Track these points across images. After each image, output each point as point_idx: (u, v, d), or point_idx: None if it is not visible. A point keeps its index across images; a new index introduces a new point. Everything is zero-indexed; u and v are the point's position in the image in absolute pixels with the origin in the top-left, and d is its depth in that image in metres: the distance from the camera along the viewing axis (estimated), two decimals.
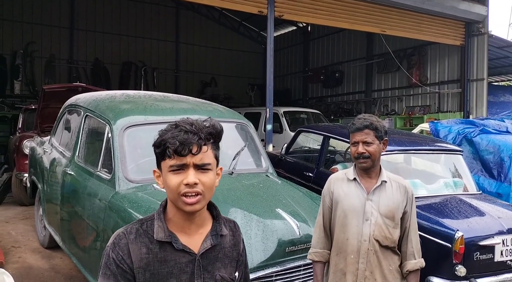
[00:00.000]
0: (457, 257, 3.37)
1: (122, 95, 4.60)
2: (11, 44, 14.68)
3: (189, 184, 1.25)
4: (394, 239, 2.31)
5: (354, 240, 2.28)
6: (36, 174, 5.48)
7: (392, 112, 13.90)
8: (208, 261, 1.35)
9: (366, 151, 2.26)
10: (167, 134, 1.27)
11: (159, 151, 1.30)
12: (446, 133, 6.25)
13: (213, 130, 1.31)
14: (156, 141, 1.31)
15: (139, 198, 3.18)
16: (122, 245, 1.29)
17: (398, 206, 2.30)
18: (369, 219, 2.27)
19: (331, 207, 2.38)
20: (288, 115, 11.58)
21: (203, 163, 1.28)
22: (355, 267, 2.28)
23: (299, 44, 18.34)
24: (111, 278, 1.27)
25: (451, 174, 4.74)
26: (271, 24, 8.28)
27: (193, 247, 1.33)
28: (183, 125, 1.28)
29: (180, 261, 1.31)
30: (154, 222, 1.33)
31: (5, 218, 6.82)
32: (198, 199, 1.27)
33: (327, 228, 2.41)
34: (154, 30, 17.34)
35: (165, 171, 1.29)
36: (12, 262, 4.88)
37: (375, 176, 2.34)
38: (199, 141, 1.26)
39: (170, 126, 1.30)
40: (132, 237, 1.30)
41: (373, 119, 2.32)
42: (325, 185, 2.46)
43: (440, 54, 12.61)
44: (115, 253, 1.28)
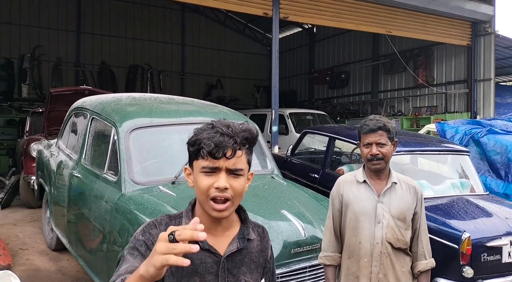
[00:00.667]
0: (464, 258, 3.35)
1: (128, 98, 4.62)
2: (19, 48, 14.81)
3: (219, 188, 1.23)
4: (406, 241, 2.30)
5: (366, 243, 2.27)
6: (44, 177, 5.52)
7: (398, 113, 13.85)
8: (234, 264, 1.33)
9: (380, 152, 2.24)
10: (203, 134, 1.25)
11: (192, 150, 1.27)
12: (452, 134, 6.21)
13: (249, 135, 1.28)
14: (190, 139, 1.28)
15: (145, 200, 3.19)
16: (153, 233, 1.26)
17: (409, 207, 2.29)
18: (381, 222, 2.26)
19: (340, 210, 2.36)
20: (293, 117, 11.58)
21: (236, 168, 1.25)
22: (368, 270, 2.27)
23: (304, 45, 18.34)
24: (138, 257, 1.21)
25: (458, 174, 4.71)
26: (276, 26, 8.29)
27: (219, 248, 1.31)
28: (219, 126, 1.25)
29: (205, 260, 1.29)
30: (182, 220, 1.32)
31: (13, 220, 6.87)
32: (227, 205, 1.25)
33: (337, 231, 2.39)
34: (160, 33, 17.43)
35: (197, 170, 1.27)
36: (19, 264, 4.92)
37: (384, 177, 2.32)
38: (234, 145, 1.23)
39: (206, 125, 1.27)
40: (162, 228, 1.28)
41: (385, 120, 2.30)
42: (334, 188, 2.44)
43: (447, 54, 12.54)
44: (145, 237, 1.25)
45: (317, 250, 2.91)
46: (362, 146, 2.31)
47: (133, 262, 1.19)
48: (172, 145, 3.96)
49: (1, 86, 14.56)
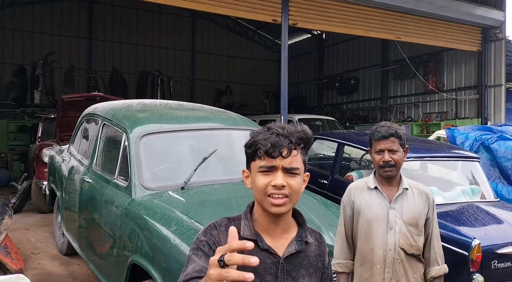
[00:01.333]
0: (474, 265, 3.32)
1: (139, 104, 4.68)
2: (31, 55, 15.04)
3: (276, 186, 1.27)
4: (419, 247, 2.29)
5: (379, 250, 2.26)
6: (55, 182, 5.59)
7: (408, 119, 13.79)
8: (293, 266, 1.35)
9: (392, 159, 2.24)
10: (259, 136, 1.30)
11: (250, 152, 1.33)
12: (463, 140, 6.18)
13: (304, 135, 1.33)
14: (248, 142, 1.34)
15: (154, 205, 3.22)
16: (214, 234, 1.31)
17: (421, 213, 2.28)
18: (393, 228, 2.25)
19: (352, 216, 2.36)
20: (302, 123, 11.47)
21: (292, 167, 1.29)
22: (381, 277, 2.26)
23: (313, 51, 18.36)
24: (203, 257, 1.26)
25: (468, 181, 4.68)
26: (285, 32, 8.33)
27: (277, 250, 1.33)
28: (275, 128, 1.30)
29: (265, 261, 1.31)
30: (241, 222, 1.36)
31: (25, 225, 6.95)
32: (285, 201, 1.28)
33: (349, 238, 2.39)
34: (170, 40, 17.59)
35: (254, 171, 1.32)
36: (31, 268, 4.97)
37: (396, 183, 2.32)
38: (289, 144, 1.28)
39: (262, 129, 1.33)
40: (222, 229, 1.33)
41: (396, 127, 2.31)
42: (345, 194, 2.43)
43: (457, 60, 12.48)
44: (207, 238, 1.30)
45: None
46: (374, 152, 2.30)
47: (198, 262, 1.24)
48: (182, 151, 4.00)
49: (14, 92, 14.77)
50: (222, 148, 4.07)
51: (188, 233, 2.79)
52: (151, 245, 2.92)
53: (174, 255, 2.68)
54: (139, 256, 2.97)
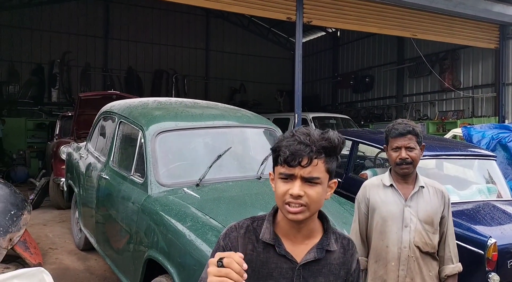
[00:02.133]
0: (490, 264, 3.30)
1: (154, 102, 4.73)
2: (49, 54, 15.28)
3: (293, 195, 1.25)
4: (434, 245, 2.29)
5: (394, 247, 2.27)
6: (73, 178, 5.68)
7: (424, 117, 13.65)
8: (310, 273, 1.33)
9: (409, 156, 2.23)
10: (283, 142, 1.28)
11: (274, 156, 1.32)
12: (479, 139, 6.11)
13: (328, 144, 1.28)
14: (273, 146, 1.32)
15: (170, 202, 3.27)
16: (232, 237, 1.32)
17: (437, 211, 2.28)
18: (408, 226, 2.25)
19: (367, 213, 2.37)
20: (317, 121, 11.55)
21: (311, 176, 1.26)
22: (395, 274, 2.27)
23: (328, 49, 18.29)
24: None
25: (484, 179, 4.63)
26: (299, 30, 8.31)
27: (296, 255, 1.32)
28: (298, 135, 1.27)
29: (281, 266, 1.31)
30: (264, 222, 1.35)
31: (43, 220, 7.08)
32: (301, 209, 1.26)
33: (363, 235, 2.40)
34: (184, 39, 17.70)
35: (276, 176, 1.31)
36: (49, 263, 5.07)
37: (411, 181, 2.31)
38: (310, 153, 1.24)
39: (288, 133, 1.31)
40: (242, 232, 1.33)
41: (413, 124, 2.30)
42: (360, 191, 2.43)
43: (474, 57, 12.32)
44: (225, 242, 1.32)
45: None
46: (391, 149, 2.30)
47: None
48: (197, 148, 4.04)
49: (32, 91, 15.04)
50: (236, 146, 4.10)
51: (203, 229, 2.83)
52: (166, 240, 2.96)
53: (189, 251, 2.72)
54: (155, 251, 3.02)
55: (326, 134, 1.29)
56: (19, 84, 14.89)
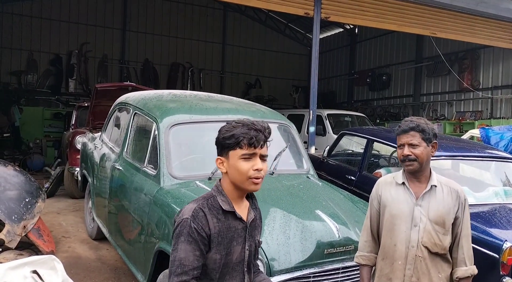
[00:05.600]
0: (505, 268, 3.24)
1: (169, 94, 4.74)
2: (67, 45, 15.44)
3: (258, 169, 1.62)
4: (445, 246, 2.24)
5: (402, 246, 2.24)
6: (87, 168, 5.74)
7: (441, 117, 13.47)
8: (252, 228, 1.75)
9: (411, 153, 2.21)
10: (237, 130, 1.62)
11: (230, 142, 1.63)
12: (497, 140, 6.01)
13: (270, 131, 1.69)
14: (225, 134, 1.65)
15: (182, 194, 3.27)
16: (201, 216, 1.61)
17: (449, 211, 2.23)
18: (417, 225, 2.22)
19: (379, 210, 2.35)
20: (332, 118, 11.48)
21: (265, 154, 1.67)
22: (402, 273, 2.24)
23: (345, 46, 18.13)
24: (193, 243, 1.58)
25: (502, 182, 4.55)
26: (317, 26, 8.24)
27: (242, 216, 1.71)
28: (249, 124, 1.63)
29: (237, 227, 1.68)
30: (215, 198, 1.67)
31: (57, 209, 7.18)
32: (261, 180, 1.66)
33: (375, 232, 2.38)
34: (201, 32, 17.71)
35: (235, 158, 1.63)
36: (62, 251, 5.14)
37: (424, 180, 2.27)
38: (264, 137, 1.64)
39: (235, 123, 1.65)
40: (206, 210, 1.64)
41: (420, 121, 2.26)
42: (373, 188, 2.43)
43: (494, 58, 12.09)
44: (196, 224, 1.60)
45: (351, 252, 2.90)
46: (398, 147, 2.30)
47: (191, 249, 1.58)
48: (210, 142, 4.01)
49: (50, 80, 15.23)
50: None
51: None
52: None
53: None
54: (166, 243, 3.02)
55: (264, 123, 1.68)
56: (38, 74, 15.09)
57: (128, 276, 4.43)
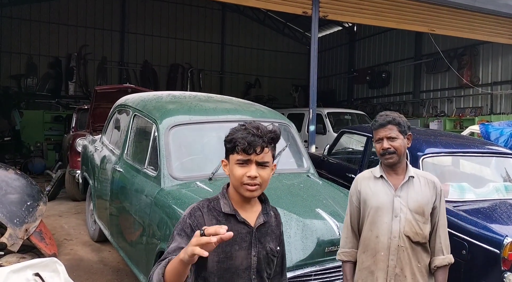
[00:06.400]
0: (506, 264, 3.23)
1: (168, 95, 4.75)
2: (66, 48, 15.46)
3: (251, 177, 1.55)
4: (425, 235, 2.29)
5: (383, 237, 2.28)
6: (88, 171, 5.75)
7: (441, 114, 13.46)
8: (261, 234, 1.66)
9: (391, 146, 2.26)
10: (237, 134, 1.57)
11: (229, 146, 1.60)
12: (497, 136, 6.01)
13: (275, 135, 1.61)
14: (227, 138, 1.61)
15: (182, 195, 3.28)
16: (198, 215, 1.59)
17: (428, 201, 2.29)
18: (398, 216, 2.26)
19: (358, 206, 2.39)
20: (332, 116, 11.48)
21: (263, 161, 1.58)
22: (385, 264, 2.28)
23: (344, 44, 18.13)
24: (184, 238, 1.53)
25: (502, 178, 4.54)
26: (315, 24, 8.25)
27: (250, 221, 1.64)
28: (251, 128, 1.57)
29: (241, 231, 1.61)
30: (219, 201, 1.65)
31: (58, 212, 7.19)
32: (256, 188, 1.58)
33: (355, 228, 2.42)
34: (200, 33, 17.72)
35: (232, 162, 1.59)
36: (64, 253, 5.15)
37: (402, 172, 2.32)
38: (262, 143, 1.56)
39: (240, 126, 1.60)
40: (205, 210, 1.61)
41: (395, 115, 2.33)
42: (352, 185, 2.47)
43: (493, 53, 12.08)
44: (192, 220, 1.58)
45: None
46: (375, 141, 2.34)
47: (180, 242, 1.52)
48: (210, 142, 4.04)
49: (50, 84, 15.25)
50: None
51: None
52: None
53: None
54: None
55: (272, 127, 1.62)
56: (37, 77, 15.11)
57: (131, 277, 4.44)
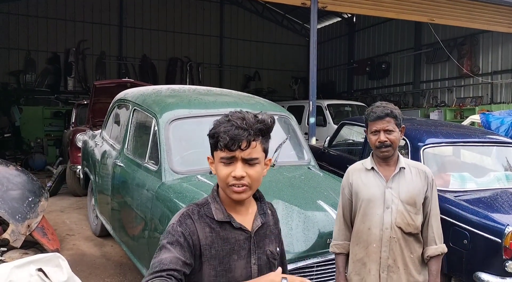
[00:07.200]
0: (507, 252, 3.24)
1: (168, 89, 4.73)
2: (64, 43, 15.39)
3: (236, 177, 1.33)
4: (417, 225, 2.28)
5: (375, 229, 2.27)
6: (89, 166, 5.75)
7: (441, 104, 13.43)
8: (260, 237, 1.46)
9: (388, 139, 2.24)
10: (220, 127, 1.33)
11: (212, 142, 1.38)
12: (498, 125, 6.00)
13: (263, 126, 1.36)
14: (210, 132, 1.38)
15: (184, 189, 3.28)
16: (189, 223, 1.38)
17: (419, 191, 2.27)
18: (389, 207, 2.26)
19: (350, 198, 2.38)
20: (332, 108, 11.46)
21: (251, 158, 1.34)
22: (378, 255, 2.27)
23: (344, 35, 18.06)
24: (178, 247, 1.33)
25: (503, 167, 4.54)
26: (314, 16, 8.20)
27: (246, 225, 1.44)
28: (234, 120, 1.33)
29: (239, 238, 1.41)
30: (210, 206, 1.42)
31: (60, 207, 7.20)
32: (244, 189, 1.36)
33: (348, 220, 2.42)
34: (199, 26, 17.64)
35: (217, 160, 1.37)
36: (67, 249, 5.17)
37: (393, 163, 2.31)
38: (248, 137, 1.32)
39: (223, 118, 1.36)
40: (196, 217, 1.39)
41: (392, 107, 2.30)
42: (344, 177, 2.46)
43: (493, 42, 12.03)
44: (183, 228, 1.36)
45: None
46: (370, 133, 2.30)
47: (173, 252, 1.32)
48: None
49: (49, 79, 15.21)
50: None
51: None
52: None
53: None
54: None
55: (260, 117, 1.36)
56: (36, 73, 15.08)
57: (133, 271, 4.46)
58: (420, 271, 2.31)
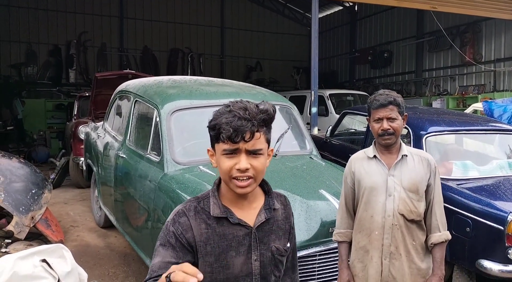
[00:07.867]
0: (510, 240, 3.25)
1: (169, 80, 4.72)
2: (66, 35, 15.36)
3: (240, 169, 1.29)
4: (420, 212, 2.28)
5: (378, 217, 2.27)
6: (91, 158, 5.77)
7: (444, 92, 13.38)
8: (264, 233, 1.41)
9: (391, 127, 2.23)
10: (221, 118, 1.28)
11: (213, 134, 1.32)
12: (500, 113, 5.97)
13: (266, 116, 1.32)
14: (210, 124, 1.32)
15: (186, 179, 3.29)
16: (182, 221, 1.34)
17: (422, 179, 2.27)
18: (392, 194, 2.25)
19: (353, 187, 2.38)
20: (333, 98, 11.43)
21: (255, 149, 1.30)
22: (380, 243, 2.28)
23: (345, 24, 17.94)
24: (169, 249, 1.31)
25: (506, 155, 4.53)
26: (315, 5, 8.14)
27: (248, 220, 1.38)
28: (236, 110, 1.27)
29: (237, 234, 1.37)
30: (209, 200, 1.39)
31: (64, 199, 7.24)
32: (249, 182, 1.31)
33: (350, 209, 2.42)
34: (200, 16, 17.55)
35: (219, 153, 1.32)
36: (71, 240, 5.20)
37: (395, 151, 2.31)
38: (252, 127, 1.27)
39: (224, 108, 1.31)
40: (191, 214, 1.36)
41: (395, 94, 2.29)
42: (346, 166, 2.45)
43: (496, 30, 11.93)
44: (175, 227, 1.34)
45: None
46: (373, 121, 2.29)
47: (164, 256, 1.30)
48: None
49: (50, 72, 15.20)
50: None
51: None
52: None
53: None
54: None
55: (262, 106, 1.31)
56: (37, 65, 15.08)
57: (137, 262, 4.49)
58: (423, 259, 2.32)
